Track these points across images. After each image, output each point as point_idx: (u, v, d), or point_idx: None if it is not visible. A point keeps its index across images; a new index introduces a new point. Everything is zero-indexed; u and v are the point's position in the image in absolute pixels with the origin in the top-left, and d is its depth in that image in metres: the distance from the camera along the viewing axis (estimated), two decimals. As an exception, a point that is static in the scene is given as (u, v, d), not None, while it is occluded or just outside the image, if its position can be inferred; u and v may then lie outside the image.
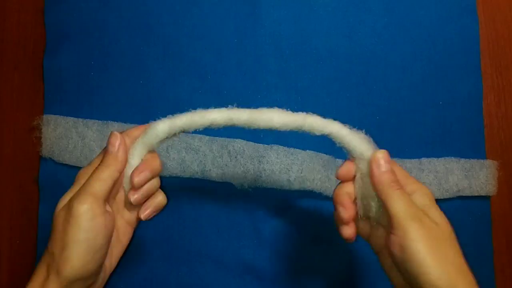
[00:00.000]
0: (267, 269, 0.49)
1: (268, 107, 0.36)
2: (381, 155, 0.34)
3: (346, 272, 0.48)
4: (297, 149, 0.48)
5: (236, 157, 0.48)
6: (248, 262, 0.49)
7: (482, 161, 0.49)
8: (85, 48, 0.51)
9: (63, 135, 0.49)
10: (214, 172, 0.48)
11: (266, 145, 0.48)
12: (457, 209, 0.49)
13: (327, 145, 0.46)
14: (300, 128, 0.35)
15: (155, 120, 0.36)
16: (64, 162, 0.49)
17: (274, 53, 0.50)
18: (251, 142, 0.48)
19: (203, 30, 0.51)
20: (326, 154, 0.48)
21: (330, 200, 0.48)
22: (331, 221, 0.38)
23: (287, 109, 0.38)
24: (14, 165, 0.51)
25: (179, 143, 0.48)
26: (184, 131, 0.36)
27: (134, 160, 0.36)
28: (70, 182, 0.49)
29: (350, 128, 0.35)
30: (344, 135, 0.34)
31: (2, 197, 0.51)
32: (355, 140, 0.34)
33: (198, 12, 0.51)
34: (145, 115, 0.50)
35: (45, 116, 0.50)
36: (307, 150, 0.48)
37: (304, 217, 0.49)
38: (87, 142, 0.49)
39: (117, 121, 0.50)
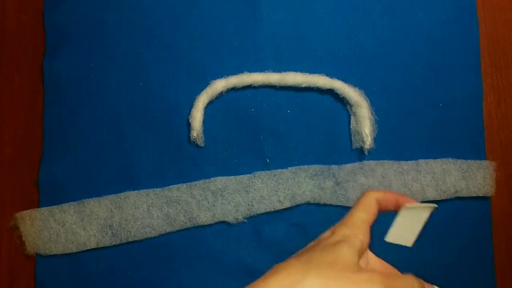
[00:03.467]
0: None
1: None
2: None
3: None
4: (279, 170, 0.49)
5: (221, 194, 0.48)
6: (248, 265, 0.49)
7: (479, 161, 0.49)
8: (85, 50, 0.51)
9: (42, 227, 0.49)
10: (203, 216, 0.48)
11: (248, 175, 0.49)
12: (457, 210, 0.49)
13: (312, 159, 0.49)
14: (314, 85, 0.48)
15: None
16: (51, 253, 0.48)
17: (274, 55, 0.50)
18: (232, 177, 0.49)
19: (202, 32, 0.51)
20: (312, 165, 0.49)
21: (328, 205, 0.49)
22: (331, 223, 0.37)
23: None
24: (14, 165, 0.51)
25: (158, 199, 0.48)
26: (234, 87, 0.49)
27: (199, 106, 0.48)
28: (70, 183, 0.50)
29: (349, 85, 0.48)
30: (344, 88, 0.48)
31: (2, 197, 0.51)
32: (352, 92, 0.48)
33: (198, 14, 0.51)
34: (145, 117, 0.50)
35: (18, 214, 0.49)
36: (289, 168, 0.49)
37: (304, 219, 0.49)
38: (68, 227, 0.49)
39: (95, 192, 0.50)
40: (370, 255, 0.37)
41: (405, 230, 0.35)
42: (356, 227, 0.33)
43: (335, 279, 0.29)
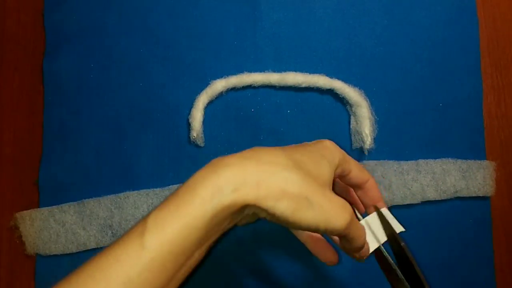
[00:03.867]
0: (267, 273, 0.49)
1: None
2: None
3: (347, 274, 0.48)
4: None
5: None
6: (248, 265, 0.49)
7: (479, 161, 0.49)
8: (85, 50, 0.51)
9: (42, 227, 0.49)
10: None
11: None
12: (457, 210, 0.49)
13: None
14: (314, 85, 0.48)
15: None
16: (51, 253, 0.49)
17: (274, 55, 0.50)
18: None
19: (202, 32, 0.51)
20: None
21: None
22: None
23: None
24: (14, 165, 0.51)
25: (158, 199, 0.48)
26: (234, 87, 0.49)
27: (199, 106, 0.48)
28: (70, 183, 0.50)
29: (349, 85, 0.48)
30: (344, 88, 0.48)
31: (2, 197, 0.51)
32: (352, 92, 0.48)
33: (198, 14, 0.51)
34: (145, 117, 0.50)
35: (18, 214, 0.49)
36: None
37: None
38: (68, 227, 0.49)
39: (95, 192, 0.49)
40: None
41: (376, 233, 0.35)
42: (342, 153, 0.33)
43: (316, 188, 0.28)
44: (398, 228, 0.35)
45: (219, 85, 0.49)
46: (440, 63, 0.50)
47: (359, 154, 0.49)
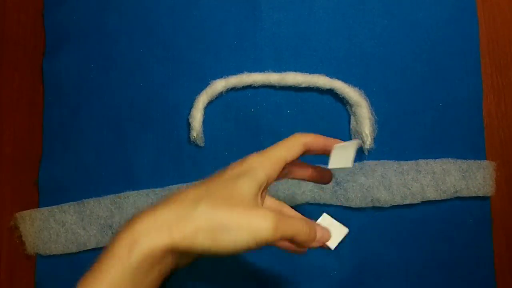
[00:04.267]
0: (267, 273, 0.49)
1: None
2: None
3: (346, 275, 0.48)
4: None
5: None
6: (247, 265, 0.49)
7: (479, 161, 0.49)
8: (85, 50, 0.51)
9: (42, 227, 0.49)
10: None
11: None
12: (457, 210, 0.49)
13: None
14: (314, 84, 0.48)
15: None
16: (51, 253, 0.49)
17: (274, 55, 0.50)
18: None
19: (202, 32, 0.51)
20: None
21: (328, 205, 0.49)
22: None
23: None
24: (14, 165, 0.51)
25: (158, 199, 0.48)
26: (234, 87, 0.49)
27: (199, 106, 0.48)
28: (70, 183, 0.50)
29: (349, 85, 0.48)
30: (344, 88, 0.48)
31: (2, 197, 0.51)
32: (352, 92, 0.48)
33: (198, 14, 0.51)
34: (145, 117, 0.50)
35: (18, 214, 0.49)
36: None
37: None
38: (68, 227, 0.49)
39: (95, 192, 0.49)
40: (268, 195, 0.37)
41: (341, 159, 0.35)
42: (268, 160, 0.33)
43: (226, 211, 0.29)
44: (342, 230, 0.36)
45: (219, 85, 0.49)
46: (440, 63, 0.50)
47: (359, 154, 0.49)
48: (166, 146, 0.50)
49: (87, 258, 0.49)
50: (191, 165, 0.50)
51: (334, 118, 0.50)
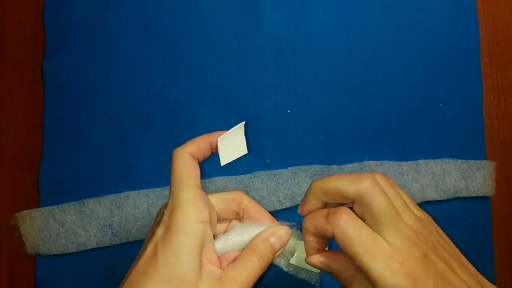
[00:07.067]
0: (267, 273, 0.49)
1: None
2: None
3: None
4: (279, 170, 0.48)
5: None
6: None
7: (479, 161, 0.49)
8: (85, 50, 0.51)
9: (42, 227, 0.49)
10: None
11: (248, 175, 0.48)
12: (457, 210, 0.49)
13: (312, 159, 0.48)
14: None
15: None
16: (51, 253, 0.48)
17: (274, 55, 0.50)
18: (232, 177, 0.48)
19: (202, 32, 0.51)
20: (312, 165, 0.49)
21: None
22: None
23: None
24: (14, 165, 0.51)
25: (158, 199, 0.48)
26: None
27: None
28: (70, 183, 0.50)
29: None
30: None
31: (2, 197, 0.51)
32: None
33: (198, 14, 0.51)
34: (145, 117, 0.50)
35: (18, 214, 0.49)
36: (288, 168, 0.48)
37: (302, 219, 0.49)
38: (68, 227, 0.48)
39: (95, 192, 0.49)
40: (246, 205, 0.35)
41: (232, 149, 0.34)
42: (189, 206, 0.30)
43: None
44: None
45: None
46: (440, 63, 0.50)
47: (359, 154, 0.49)
48: (166, 146, 0.50)
49: (87, 258, 0.49)
50: (191, 165, 0.50)
51: (334, 118, 0.50)
